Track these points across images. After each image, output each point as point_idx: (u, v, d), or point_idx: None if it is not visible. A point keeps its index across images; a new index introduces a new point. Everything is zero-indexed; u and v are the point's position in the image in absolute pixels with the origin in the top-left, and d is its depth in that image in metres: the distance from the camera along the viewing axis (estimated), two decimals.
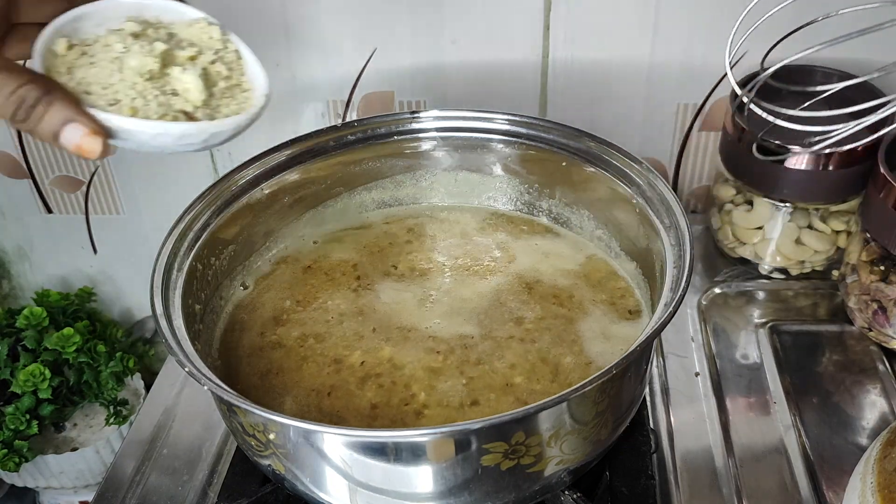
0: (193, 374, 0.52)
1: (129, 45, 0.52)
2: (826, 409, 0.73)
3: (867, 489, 0.56)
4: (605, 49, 0.86)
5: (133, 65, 0.51)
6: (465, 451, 0.51)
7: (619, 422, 0.59)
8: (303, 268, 0.73)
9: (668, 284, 0.57)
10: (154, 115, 0.50)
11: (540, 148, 0.72)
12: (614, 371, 0.50)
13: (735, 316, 0.83)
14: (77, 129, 0.47)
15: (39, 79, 0.47)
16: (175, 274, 0.61)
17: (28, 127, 0.47)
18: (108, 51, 0.52)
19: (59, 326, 1.01)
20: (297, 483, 0.57)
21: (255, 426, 0.55)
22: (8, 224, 1.08)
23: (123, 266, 1.11)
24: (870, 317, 0.77)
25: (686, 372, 0.77)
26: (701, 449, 0.70)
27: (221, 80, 0.55)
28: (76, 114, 0.47)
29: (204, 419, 0.75)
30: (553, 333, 0.65)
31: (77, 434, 1.05)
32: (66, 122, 0.47)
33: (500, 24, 0.86)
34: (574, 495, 0.60)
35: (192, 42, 0.56)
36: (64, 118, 0.47)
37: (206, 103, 0.54)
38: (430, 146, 0.76)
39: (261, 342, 0.66)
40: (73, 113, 0.47)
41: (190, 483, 0.70)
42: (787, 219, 0.82)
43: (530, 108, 0.91)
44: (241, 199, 0.69)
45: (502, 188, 0.78)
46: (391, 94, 0.92)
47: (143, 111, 0.50)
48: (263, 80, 0.57)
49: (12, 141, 0.99)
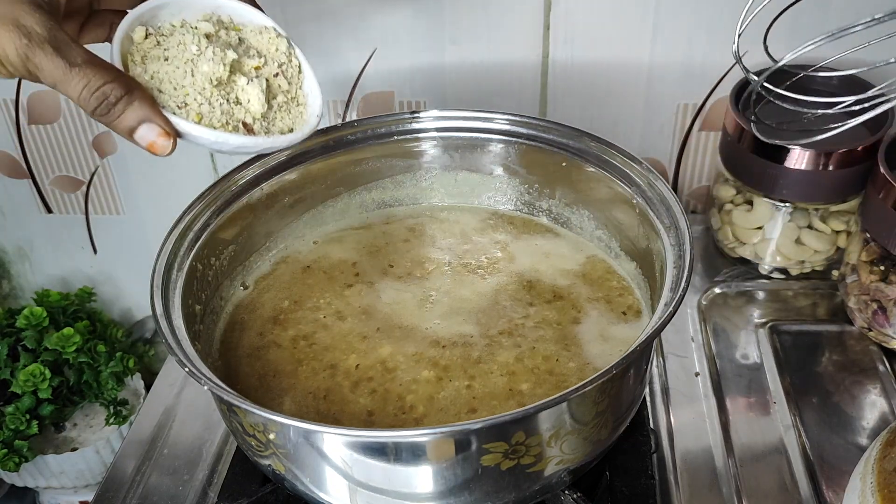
0: (193, 374, 0.52)
1: (203, 47, 0.53)
2: (826, 409, 0.73)
3: (867, 489, 0.56)
4: (605, 49, 0.87)
5: (204, 70, 0.53)
6: (465, 451, 0.51)
7: (619, 422, 0.59)
8: (302, 268, 0.73)
9: (668, 284, 0.57)
10: (217, 122, 0.53)
11: (540, 148, 0.72)
12: (614, 371, 0.50)
13: (735, 316, 0.83)
14: (152, 128, 0.50)
15: (121, 77, 0.49)
16: (175, 274, 0.61)
17: (106, 121, 0.49)
18: (183, 50, 0.53)
19: (59, 326, 1.01)
20: (297, 483, 0.57)
21: (255, 426, 0.55)
22: (8, 224, 1.08)
23: (123, 266, 1.11)
24: (870, 317, 0.77)
25: (686, 372, 0.77)
26: (701, 449, 0.70)
27: (281, 93, 0.57)
28: (153, 114, 0.50)
29: (204, 419, 0.75)
30: (553, 334, 0.65)
31: (77, 434, 1.05)
32: (142, 122, 0.50)
33: (500, 24, 0.86)
34: (574, 495, 0.60)
35: (259, 51, 0.57)
36: (141, 117, 0.50)
37: (263, 115, 0.56)
38: (430, 146, 0.76)
39: (260, 342, 0.66)
40: (149, 113, 0.50)
41: (190, 483, 0.70)
42: (787, 219, 0.82)
43: (530, 108, 0.91)
44: (241, 199, 0.69)
45: (502, 188, 0.78)
46: (391, 94, 0.92)
47: (208, 118, 0.53)
48: (319, 99, 0.59)
49: (12, 141, 0.99)
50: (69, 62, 0.47)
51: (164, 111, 0.51)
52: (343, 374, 0.63)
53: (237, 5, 0.57)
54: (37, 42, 0.46)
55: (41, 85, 0.49)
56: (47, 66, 0.47)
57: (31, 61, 0.47)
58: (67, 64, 0.47)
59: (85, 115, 0.96)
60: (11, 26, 0.46)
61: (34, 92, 0.94)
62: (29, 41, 0.46)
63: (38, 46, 0.46)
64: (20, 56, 0.47)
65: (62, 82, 0.48)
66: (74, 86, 0.48)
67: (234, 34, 0.57)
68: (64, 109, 0.96)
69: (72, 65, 0.47)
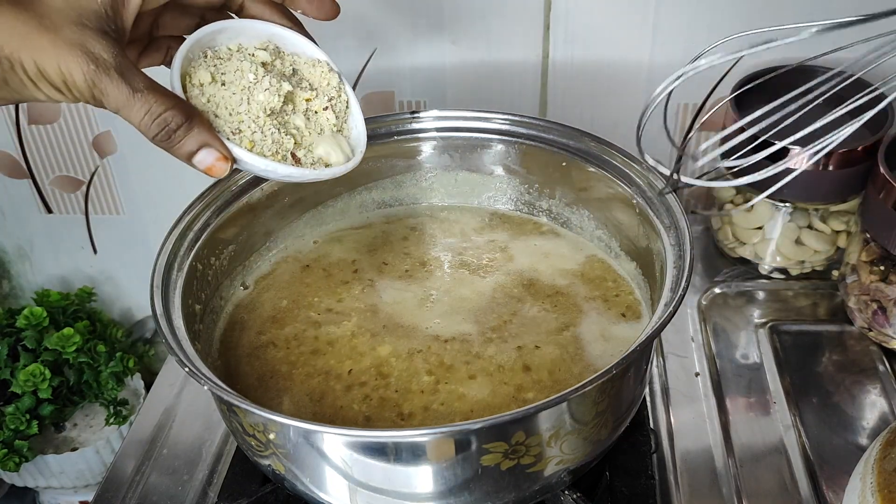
0: (193, 374, 0.52)
1: (260, 76, 0.55)
2: (826, 409, 0.73)
3: (867, 489, 0.56)
4: (605, 49, 0.87)
5: (260, 99, 0.55)
6: (465, 451, 0.51)
7: (619, 422, 0.59)
8: (302, 268, 0.73)
9: (668, 284, 0.57)
10: (268, 151, 0.55)
11: (540, 148, 0.72)
12: (614, 371, 0.50)
13: (735, 316, 0.83)
14: (211, 153, 0.52)
15: (181, 104, 0.51)
16: (175, 274, 0.61)
17: (167, 147, 0.51)
18: (240, 77, 0.55)
19: (59, 326, 1.01)
20: (297, 483, 0.57)
21: (255, 426, 0.55)
22: (8, 224, 1.08)
23: (123, 266, 1.11)
24: (870, 317, 0.77)
25: (686, 372, 0.77)
26: (701, 449, 0.70)
27: (328, 126, 0.59)
28: (211, 139, 0.52)
29: (204, 419, 0.75)
30: (552, 334, 0.65)
31: (77, 434, 1.05)
32: (201, 147, 0.52)
33: (500, 24, 0.86)
34: (574, 495, 0.60)
35: (311, 84, 0.59)
36: (200, 143, 0.52)
37: (310, 146, 0.57)
38: (430, 146, 0.76)
39: (259, 342, 0.66)
40: (208, 138, 0.52)
41: (190, 483, 0.70)
42: (787, 219, 0.82)
43: (530, 108, 0.91)
44: (241, 199, 0.69)
45: (502, 188, 0.78)
46: (391, 94, 0.92)
47: (259, 146, 0.55)
48: (363, 136, 0.60)
49: (12, 141, 0.99)
50: (133, 88, 0.48)
51: (219, 136, 0.53)
52: (335, 377, 0.63)
53: (293, 36, 0.59)
54: (103, 68, 0.48)
55: None
56: (112, 93, 0.48)
57: (97, 87, 0.48)
58: (131, 90, 0.48)
59: (85, 115, 0.96)
60: (80, 52, 0.47)
61: None
62: (97, 67, 0.47)
63: (104, 73, 0.48)
64: (87, 82, 0.48)
65: (125, 108, 0.49)
66: (136, 112, 0.49)
67: (288, 64, 0.59)
68: (64, 109, 0.96)
69: (135, 91, 0.48)
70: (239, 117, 0.54)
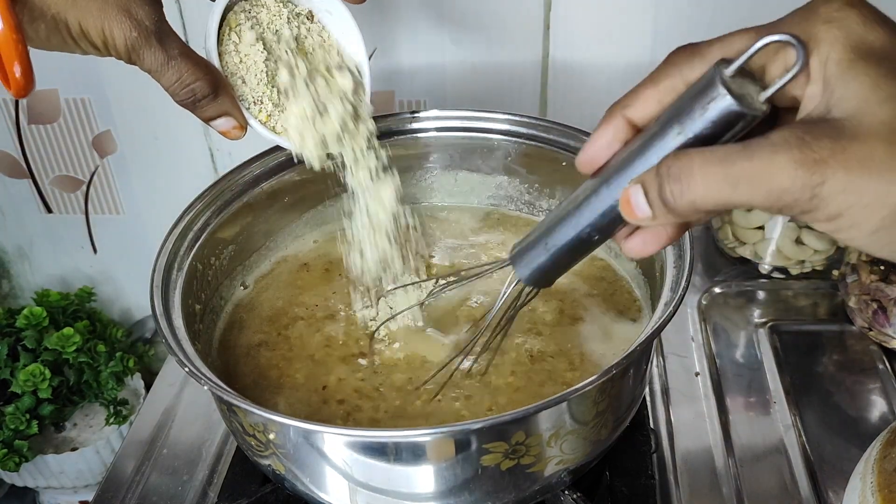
0: (193, 374, 0.52)
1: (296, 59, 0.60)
2: (826, 409, 0.73)
3: (867, 489, 0.56)
4: (605, 49, 0.86)
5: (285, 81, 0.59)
6: (465, 451, 0.51)
7: (619, 422, 0.59)
8: (302, 267, 0.73)
9: (668, 284, 0.57)
10: (280, 129, 0.60)
11: (540, 148, 0.72)
12: (614, 371, 0.50)
13: (735, 316, 0.83)
14: (229, 121, 0.57)
15: (210, 76, 0.53)
16: (175, 274, 0.61)
17: (190, 110, 0.54)
18: (276, 42, 0.59)
19: (59, 326, 1.01)
20: (297, 483, 0.57)
21: (255, 426, 0.55)
22: (8, 224, 1.08)
23: (123, 266, 1.11)
24: (870, 317, 0.77)
25: (686, 372, 0.77)
26: (701, 449, 0.70)
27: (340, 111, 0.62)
28: (232, 108, 0.56)
29: (204, 419, 0.75)
30: (552, 334, 0.65)
31: (77, 434, 1.05)
32: (221, 115, 0.56)
33: (500, 24, 0.86)
34: (574, 495, 0.60)
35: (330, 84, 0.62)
36: (221, 111, 0.56)
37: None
38: (429, 146, 0.76)
39: (257, 341, 0.66)
40: (229, 108, 0.56)
41: (190, 483, 0.70)
42: (787, 218, 0.82)
43: (530, 108, 0.91)
44: (241, 199, 0.69)
45: (502, 188, 0.78)
46: (391, 94, 0.92)
47: (273, 122, 0.60)
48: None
49: (12, 141, 0.99)
50: (168, 56, 0.51)
51: (241, 103, 0.57)
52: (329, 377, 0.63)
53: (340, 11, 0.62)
54: (144, 35, 0.49)
55: (41, 84, 0.50)
56: (149, 58, 0.50)
57: (135, 51, 0.50)
58: (166, 57, 0.51)
59: (85, 114, 0.96)
60: (125, 17, 0.49)
61: (34, 92, 0.94)
62: (138, 34, 0.49)
63: (144, 39, 0.49)
64: (127, 46, 0.49)
65: (157, 72, 0.51)
66: (167, 77, 0.51)
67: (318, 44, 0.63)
68: (64, 109, 0.96)
69: (170, 58, 0.51)
70: (264, 88, 0.58)
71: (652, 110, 0.41)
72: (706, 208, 0.36)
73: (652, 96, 0.41)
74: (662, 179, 0.37)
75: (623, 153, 0.41)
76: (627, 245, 0.43)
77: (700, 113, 0.37)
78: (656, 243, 0.43)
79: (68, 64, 0.90)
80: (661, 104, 0.41)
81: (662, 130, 0.38)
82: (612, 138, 0.42)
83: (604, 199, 0.42)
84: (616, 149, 0.42)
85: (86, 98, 0.95)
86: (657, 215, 0.38)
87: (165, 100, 0.54)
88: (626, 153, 0.41)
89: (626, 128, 0.42)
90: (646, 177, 0.38)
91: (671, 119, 0.38)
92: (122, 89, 0.94)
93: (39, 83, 0.49)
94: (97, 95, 0.94)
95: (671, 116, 0.38)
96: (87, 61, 0.56)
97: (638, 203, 0.38)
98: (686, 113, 0.37)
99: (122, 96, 0.94)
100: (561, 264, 0.47)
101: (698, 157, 0.36)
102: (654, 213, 0.38)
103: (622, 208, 0.40)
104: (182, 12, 0.87)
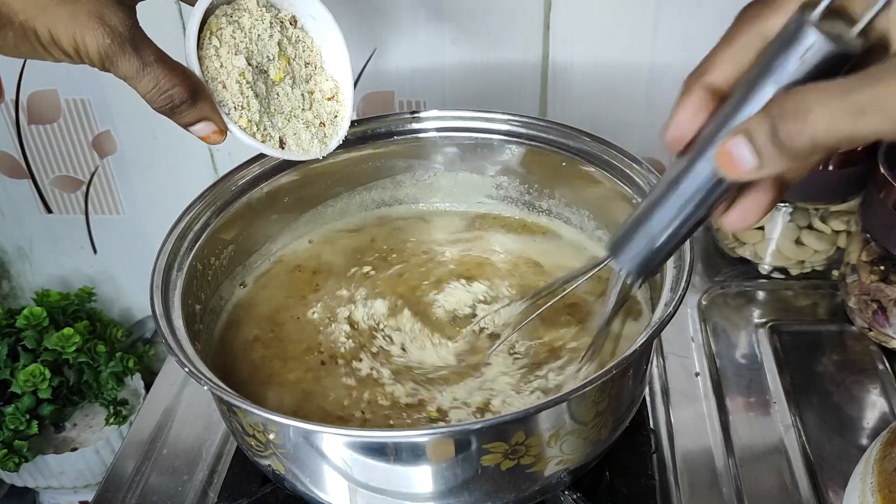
0: (193, 374, 0.52)
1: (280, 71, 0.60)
2: (826, 409, 0.73)
3: (867, 489, 0.56)
4: (605, 49, 0.86)
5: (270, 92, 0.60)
6: (465, 451, 0.51)
7: (619, 422, 0.59)
8: (301, 268, 0.73)
9: (668, 284, 0.57)
10: (261, 136, 0.59)
11: (540, 148, 0.72)
12: (614, 371, 0.50)
13: (735, 316, 0.83)
14: (209, 126, 0.55)
15: (188, 81, 0.52)
16: (175, 274, 0.61)
17: (167, 116, 0.53)
18: (260, 56, 0.59)
19: (59, 326, 1.01)
20: (297, 483, 0.57)
21: (254, 426, 0.55)
22: (8, 224, 1.08)
23: (123, 266, 1.11)
24: (870, 317, 0.77)
25: (686, 372, 0.77)
26: (701, 449, 0.70)
27: (323, 114, 0.64)
28: (211, 113, 0.55)
29: (204, 419, 0.75)
30: (552, 334, 0.65)
31: (77, 434, 1.05)
32: (200, 120, 0.54)
33: (500, 24, 0.86)
34: (574, 495, 0.60)
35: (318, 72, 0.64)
36: (200, 117, 0.54)
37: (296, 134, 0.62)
38: (430, 146, 0.75)
39: (257, 341, 0.66)
40: (209, 113, 0.55)
41: (190, 483, 0.70)
42: (787, 219, 0.82)
43: (530, 108, 0.91)
44: (241, 199, 0.69)
45: (502, 188, 0.78)
46: (391, 94, 0.92)
47: (253, 127, 0.59)
48: (343, 131, 0.65)
49: (12, 141, 0.99)
50: (143, 62, 0.50)
51: (221, 108, 0.56)
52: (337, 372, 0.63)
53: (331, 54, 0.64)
54: (118, 42, 0.48)
55: (41, 85, 0.50)
56: (123, 65, 0.49)
57: (109, 59, 0.49)
58: (142, 64, 0.50)
59: (85, 114, 0.96)
60: (97, 24, 0.48)
61: (34, 92, 0.94)
62: (112, 41, 0.48)
63: (118, 46, 0.48)
64: (100, 53, 0.48)
65: (133, 79, 0.50)
66: (144, 84, 0.50)
67: (301, 50, 0.63)
68: (64, 109, 0.96)
69: (145, 64, 0.50)
70: (246, 98, 0.58)
71: (731, 73, 0.39)
72: (828, 144, 0.35)
73: (730, 57, 0.39)
74: (776, 120, 0.35)
75: (715, 121, 0.39)
76: (728, 219, 0.42)
77: (796, 62, 0.36)
78: (757, 210, 0.41)
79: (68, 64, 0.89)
80: (740, 65, 0.39)
81: (755, 88, 0.37)
82: (696, 110, 0.40)
83: (700, 171, 0.40)
84: (702, 120, 0.40)
85: (86, 98, 0.95)
86: (766, 162, 0.36)
87: None
88: (720, 118, 0.39)
89: (707, 96, 0.40)
90: (751, 123, 0.36)
91: (762, 75, 0.37)
92: (123, 89, 0.92)
93: (40, 83, 0.49)
94: (97, 96, 0.94)
95: (761, 73, 0.37)
96: None
97: (741, 155, 0.36)
98: (779, 65, 0.36)
99: (122, 96, 0.94)
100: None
101: (814, 92, 0.34)
102: (764, 160, 0.36)
103: (720, 163, 0.38)
104: (182, 12, 0.86)
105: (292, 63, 0.62)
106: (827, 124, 0.34)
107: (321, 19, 0.62)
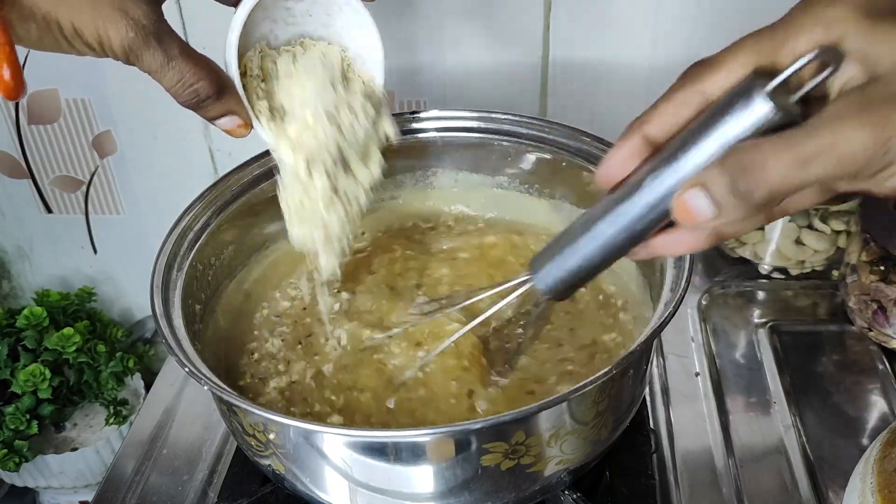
0: (193, 374, 0.52)
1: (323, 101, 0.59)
2: (826, 409, 0.73)
3: (867, 489, 0.56)
4: (605, 49, 0.86)
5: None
6: (465, 451, 0.51)
7: (619, 422, 0.59)
8: (298, 267, 0.73)
9: (668, 284, 0.57)
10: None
11: (540, 148, 0.72)
12: (614, 371, 0.50)
13: (735, 316, 0.83)
14: (234, 119, 0.55)
15: (213, 75, 0.52)
16: (175, 274, 0.61)
17: (192, 110, 0.53)
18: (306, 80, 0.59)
19: (59, 326, 1.01)
20: (297, 483, 0.57)
21: (254, 426, 0.55)
22: (8, 224, 1.08)
23: (123, 266, 1.11)
24: (870, 317, 0.77)
25: (686, 372, 0.77)
26: (701, 449, 0.70)
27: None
28: (237, 106, 0.55)
29: (204, 419, 0.75)
30: (552, 334, 0.65)
31: (77, 434, 1.05)
32: (225, 114, 0.54)
33: (500, 24, 0.86)
34: (574, 495, 0.60)
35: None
36: (226, 111, 0.54)
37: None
38: (430, 146, 0.75)
39: (256, 341, 0.67)
40: (234, 107, 0.54)
41: (190, 483, 0.70)
42: (787, 219, 0.82)
43: (530, 108, 0.91)
44: (241, 199, 0.69)
45: (502, 188, 0.78)
46: (391, 95, 0.92)
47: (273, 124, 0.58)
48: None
49: (12, 141, 0.99)
50: (168, 56, 0.49)
51: (247, 105, 0.56)
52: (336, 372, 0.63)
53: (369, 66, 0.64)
54: (142, 35, 0.48)
55: (41, 85, 0.49)
56: (147, 59, 0.49)
57: (133, 52, 0.48)
58: (166, 58, 0.49)
59: (85, 114, 0.96)
60: (120, 17, 0.47)
61: (34, 92, 0.94)
62: (135, 34, 0.47)
63: (142, 39, 0.48)
64: (124, 46, 0.48)
65: (157, 73, 0.49)
66: (169, 79, 0.50)
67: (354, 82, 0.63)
68: (64, 109, 0.96)
69: (170, 58, 0.49)
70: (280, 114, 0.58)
71: (669, 126, 0.42)
72: (783, 192, 0.37)
73: (670, 111, 0.42)
74: (734, 175, 0.37)
75: (650, 167, 0.42)
76: (657, 240, 0.44)
77: (746, 126, 0.38)
78: (689, 246, 0.43)
79: (68, 64, 0.90)
80: (677, 118, 0.41)
81: (698, 142, 0.39)
82: (630, 154, 0.43)
83: (626, 212, 0.43)
84: (634, 165, 0.43)
85: (86, 98, 0.95)
86: (725, 212, 0.38)
87: (166, 100, 0.54)
88: (656, 165, 0.41)
89: (643, 144, 0.42)
90: (707, 176, 0.38)
91: (706, 131, 0.39)
92: (122, 89, 0.94)
93: (40, 83, 0.48)
94: (97, 95, 0.94)
95: (705, 128, 0.39)
96: (86, 61, 0.56)
97: (699, 204, 0.38)
98: (726, 124, 0.38)
99: (122, 96, 0.94)
100: (586, 276, 0.48)
101: (768, 146, 0.37)
102: (723, 210, 0.38)
103: (678, 214, 0.40)
104: (182, 12, 0.86)
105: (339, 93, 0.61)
106: (782, 175, 0.36)
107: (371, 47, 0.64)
